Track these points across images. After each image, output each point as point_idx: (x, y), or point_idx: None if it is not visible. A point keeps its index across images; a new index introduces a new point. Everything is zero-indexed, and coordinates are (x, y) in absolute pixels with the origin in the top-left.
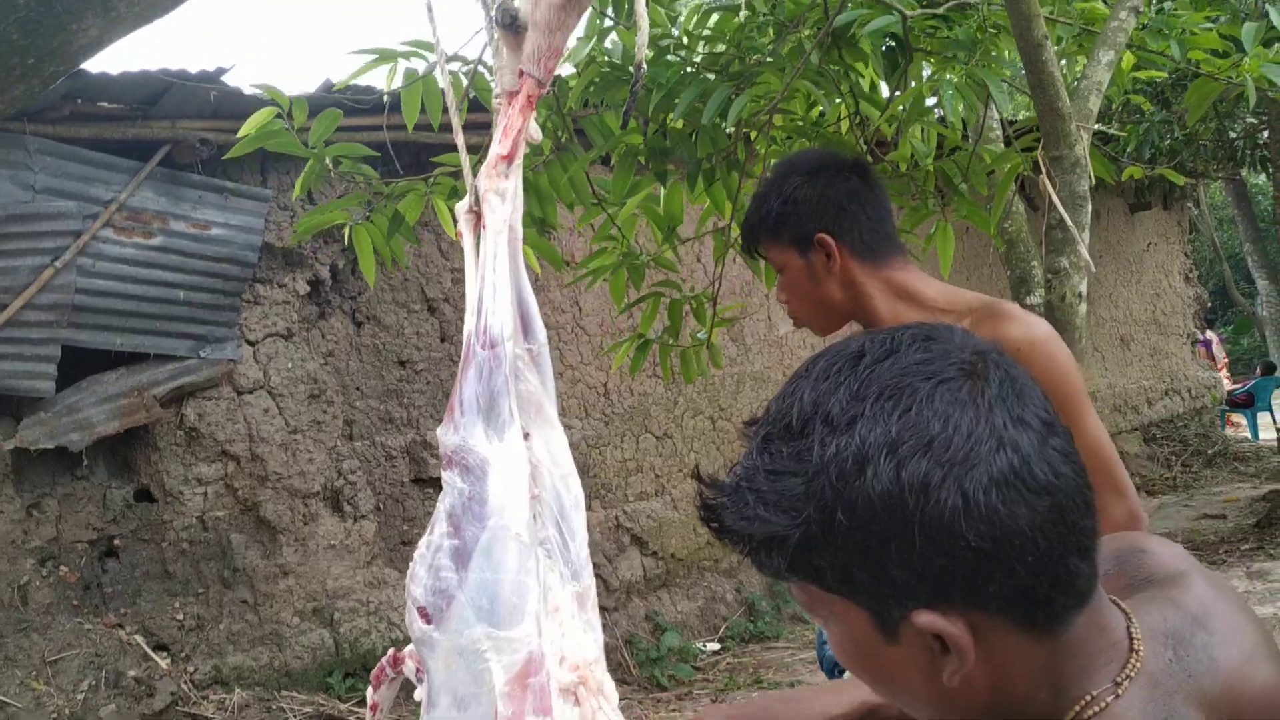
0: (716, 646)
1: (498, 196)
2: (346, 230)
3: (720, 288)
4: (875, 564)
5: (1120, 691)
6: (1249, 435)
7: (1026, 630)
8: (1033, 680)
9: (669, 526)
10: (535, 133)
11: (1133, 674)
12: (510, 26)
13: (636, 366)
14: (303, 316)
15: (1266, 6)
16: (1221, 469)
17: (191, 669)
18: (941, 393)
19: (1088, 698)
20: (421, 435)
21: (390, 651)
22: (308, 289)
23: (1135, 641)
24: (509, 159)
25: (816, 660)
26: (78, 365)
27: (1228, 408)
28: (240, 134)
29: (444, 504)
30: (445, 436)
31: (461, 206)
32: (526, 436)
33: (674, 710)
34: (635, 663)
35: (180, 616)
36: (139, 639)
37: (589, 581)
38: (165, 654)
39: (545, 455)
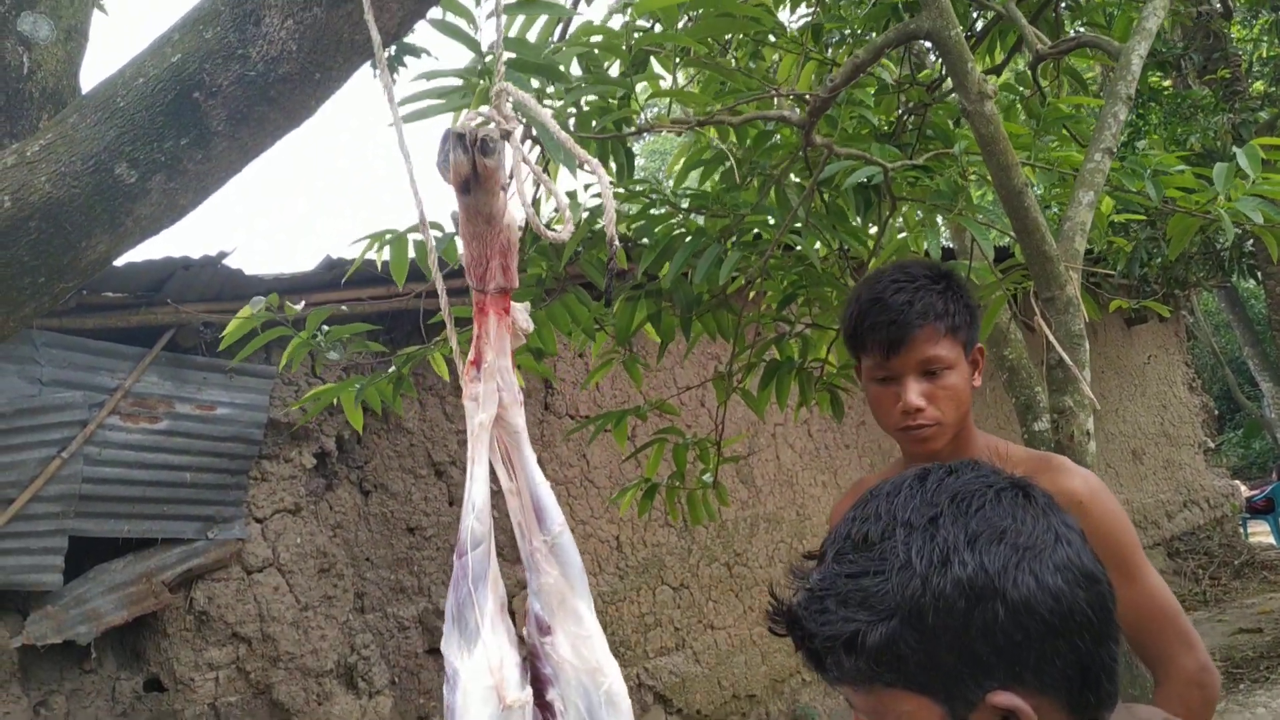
0: None
1: (472, 402)
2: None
3: (724, 430)
4: (962, 645)
5: None
6: (1274, 542)
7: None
8: None
9: (692, 681)
10: (525, 323)
11: None
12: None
13: (644, 510)
14: (310, 490)
15: (1234, 150)
16: (1251, 579)
17: None
18: (1005, 498)
19: None
20: (433, 603)
21: None
22: (314, 462)
23: None
24: (476, 365)
25: None
26: (84, 555)
27: (1248, 515)
28: (228, 329)
29: None
30: (441, 646)
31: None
32: (549, 631)
33: None
34: None
35: None
36: None
37: None
38: None
39: (569, 651)
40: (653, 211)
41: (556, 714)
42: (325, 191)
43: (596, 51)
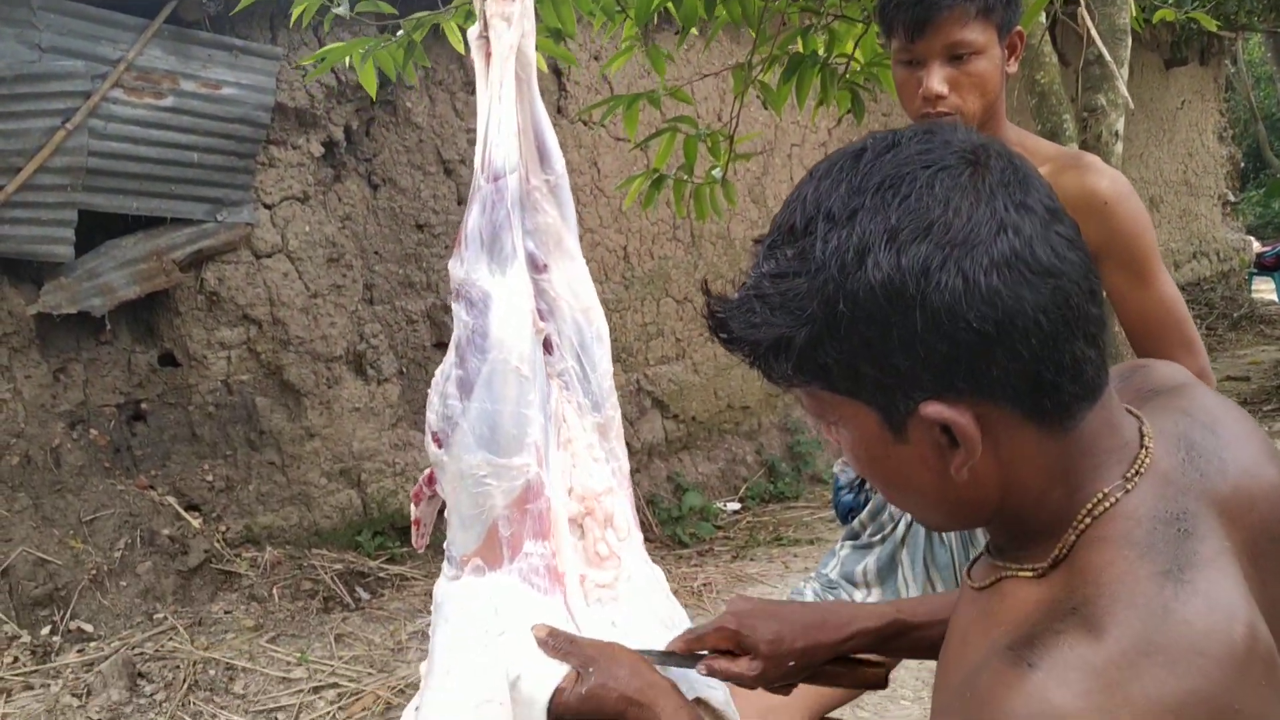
0: (737, 506)
1: (503, 21)
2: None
3: (737, 127)
4: (880, 355)
5: (1130, 487)
6: (1276, 299)
7: (1036, 423)
8: (1044, 479)
9: (690, 390)
10: None
11: (1142, 470)
12: None
13: (649, 202)
14: (318, 179)
15: None
16: (1247, 332)
17: (223, 528)
18: (941, 179)
19: (1099, 495)
20: (441, 299)
21: (426, 471)
22: (322, 150)
23: (1146, 439)
24: None
25: (835, 518)
26: (95, 230)
27: (1256, 271)
28: None
29: (454, 335)
30: (453, 269)
31: (473, 33)
32: (545, 269)
33: (695, 566)
34: (657, 521)
35: (210, 478)
36: (171, 500)
37: (612, 413)
38: (197, 514)
39: (565, 289)
40: None
41: (554, 347)
42: None
43: None
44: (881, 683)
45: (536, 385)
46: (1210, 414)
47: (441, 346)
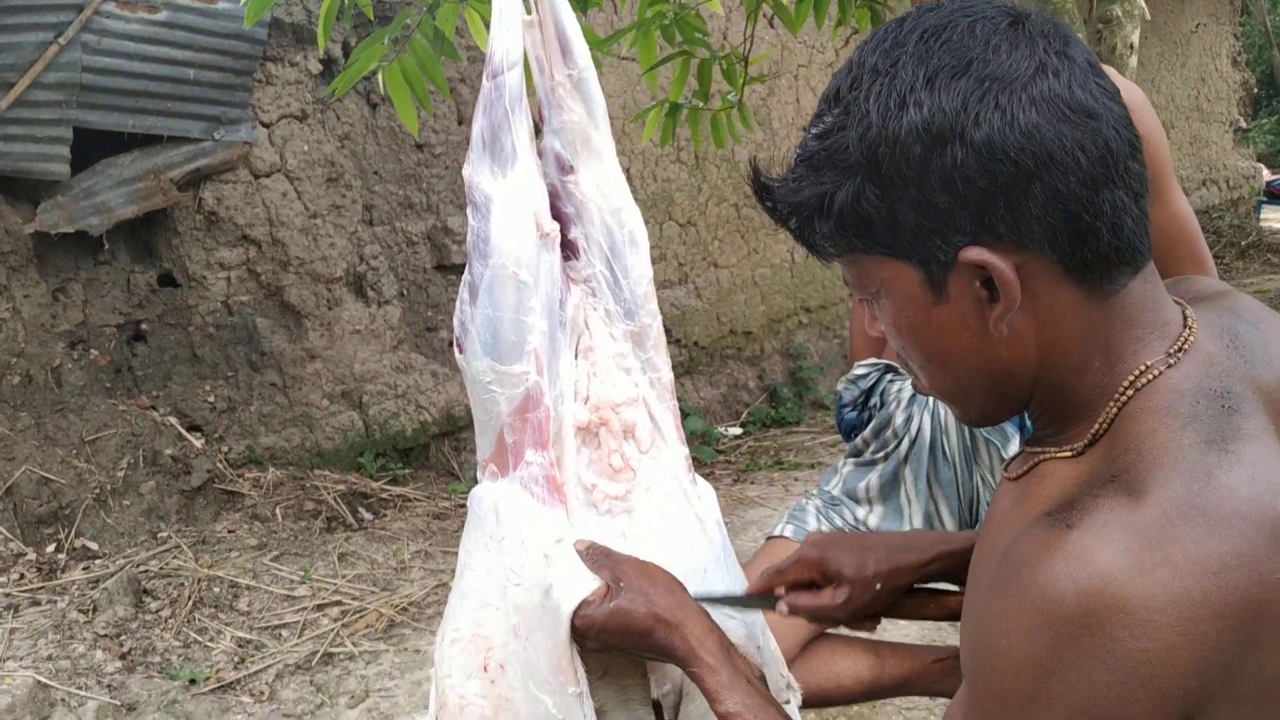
0: (738, 431)
1: None
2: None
3: (751, 48)
4: (920, 196)
5: (1173, 362)
6: None
7: (1076, 282)
8: (1085, 346)
9: (692, 315)
10: None
11: (1186, 348)
12: None
13: (667, 137)
14: (316, 97)
15: None
16: (1254, 260)
17: (225, 449)
18: (982, 25)
19: (1142, 367)
20: (442, 221)
21: None
22: (320, 68)
23: (1190, 320)
24: None
25: (836, 440)
26: (91, 148)
27: (1265, 199)
28: None
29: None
30: (464, 173)
31: None
32: (572, 170)
33: None
34: None
35: (211, 399)
36: (173, 420)
37: (649, 320)
38: (199, 435)
39: (593, 190)
40: None
41: (580, 252)
42: None
43: None
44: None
45: (539, 291)
46: (1254, 313)
47: (442, 269)
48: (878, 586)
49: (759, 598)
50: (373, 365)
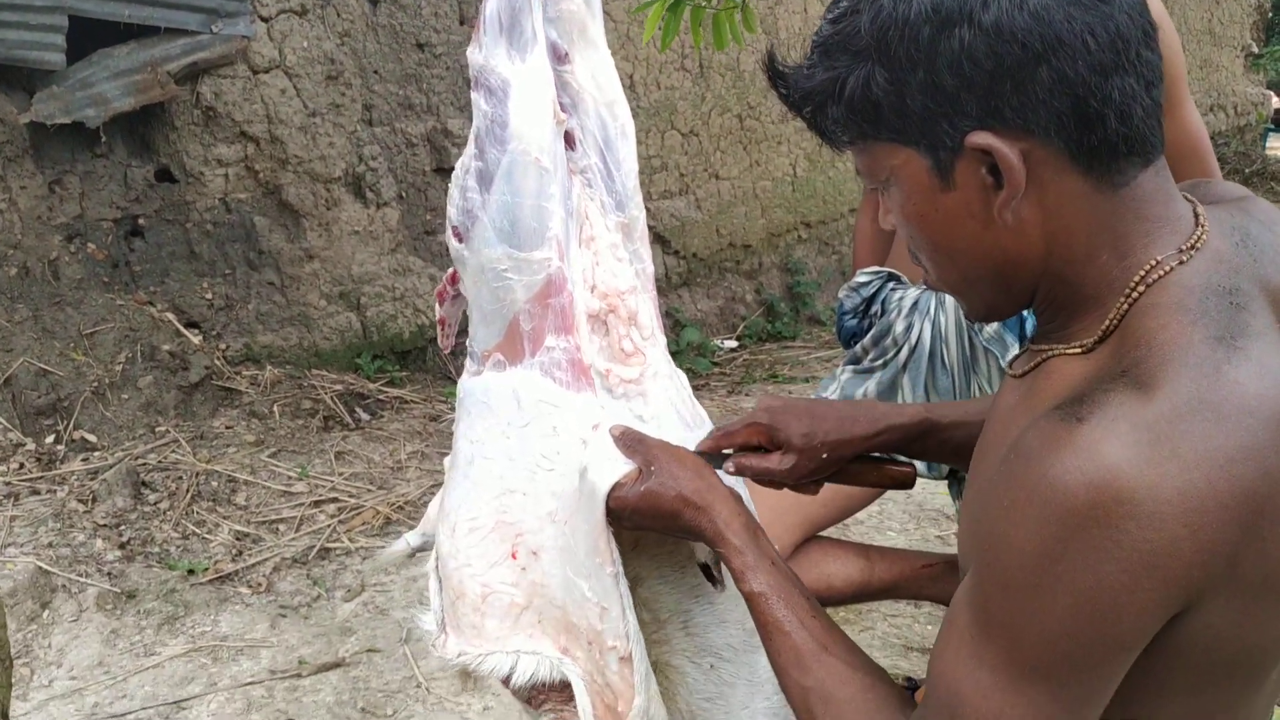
0: (734, 344)
1: None
2: None
3: None
4: (928, 79)
5: (1185, 259)
6: None
7: (1084, 171)
8: (1092, 238)
9: (692, 226)
10: None
11: (1199, 245)
12: None
13: (668, 39)
14: None
15: None
16: (1258, 188)
17: (223, 346)
18: None
19: (1152, 262)
20: (442, 123)
21: (450, 270)
22: None
23: (1201, 218)
24: None
25: (832, 355)
26: (86, 39)
27: (1272, 127)
28: None
29: (473, 126)
30: (472, 56)
31: None
32: (567, 59)
33: None
34: None
35: (209, 296)
36: (170, 316)
37: (636, 212)
38: (196, 331)
39: (589, 80)
40: None
41: (576, 143)
42: None
43: None
44: (909, 482)
45: (557, 178)
46: (1269, 215)
47: (441, 172)
48: (824, 456)
49: (708, 456)
50: (371, 267)
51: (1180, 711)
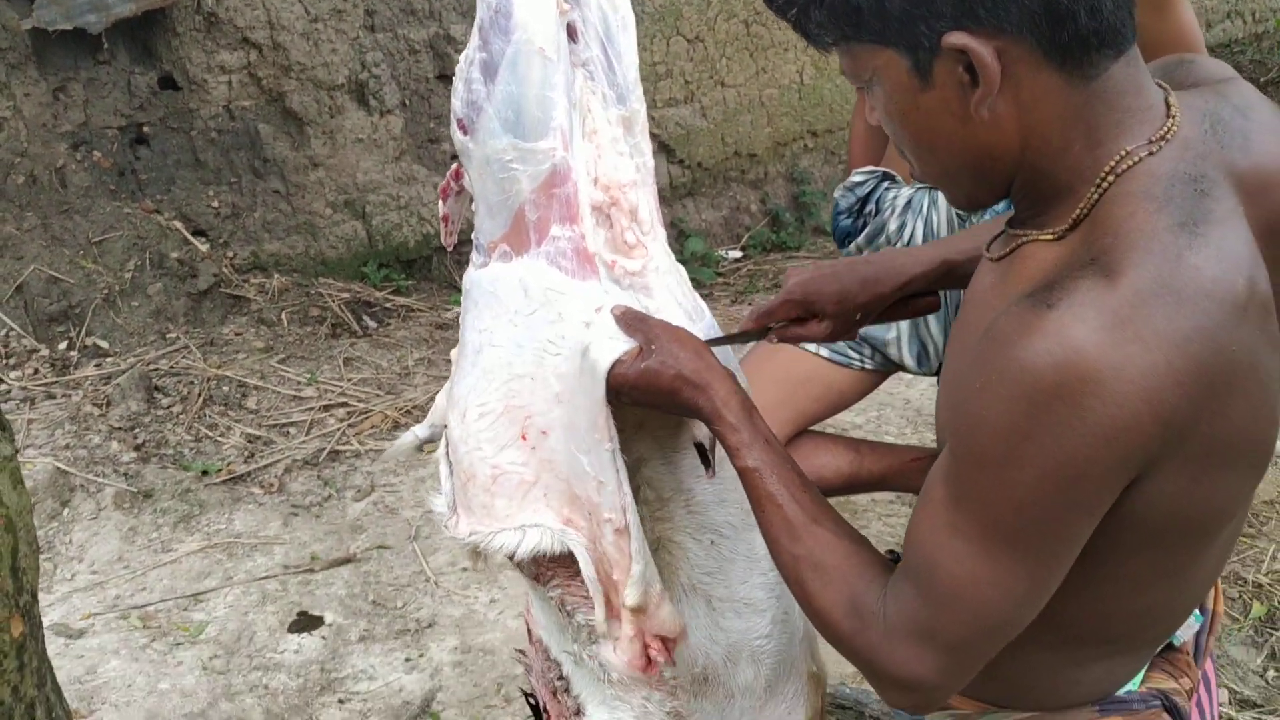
0: (739, 254)
1: None
2: None
3: None
4: None
5: (1154, 150)
6: None
7: (1057, 66)
8: (1066, 129)
9: (697, 135)
10: None
11: (1169, 136)
12: None
13: None
14: None
15: None
16: (1273, 98)
17: (230, 254)
18: None
19: (1123, 152)
20: (445, 29)
21: (454, 165)
22: None
23: (1172, 108)
24: None
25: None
26: None
27: None
28: None
29: (477, 18)
30: None
31: None
32: None
33: None
34: None
35: (215, 204)
36: (178, 224)
37: (637, 105)
38: (204, 239)
39: None
40: None
41: (578, 35)
42: None
43: None
44: (934, 306)
45: (561, 69)
46: (1246, 100)
47: (444, 79)
48: (858, 317)
49: (754, 332)
50: (375, 175)
51: (1137, 568)
